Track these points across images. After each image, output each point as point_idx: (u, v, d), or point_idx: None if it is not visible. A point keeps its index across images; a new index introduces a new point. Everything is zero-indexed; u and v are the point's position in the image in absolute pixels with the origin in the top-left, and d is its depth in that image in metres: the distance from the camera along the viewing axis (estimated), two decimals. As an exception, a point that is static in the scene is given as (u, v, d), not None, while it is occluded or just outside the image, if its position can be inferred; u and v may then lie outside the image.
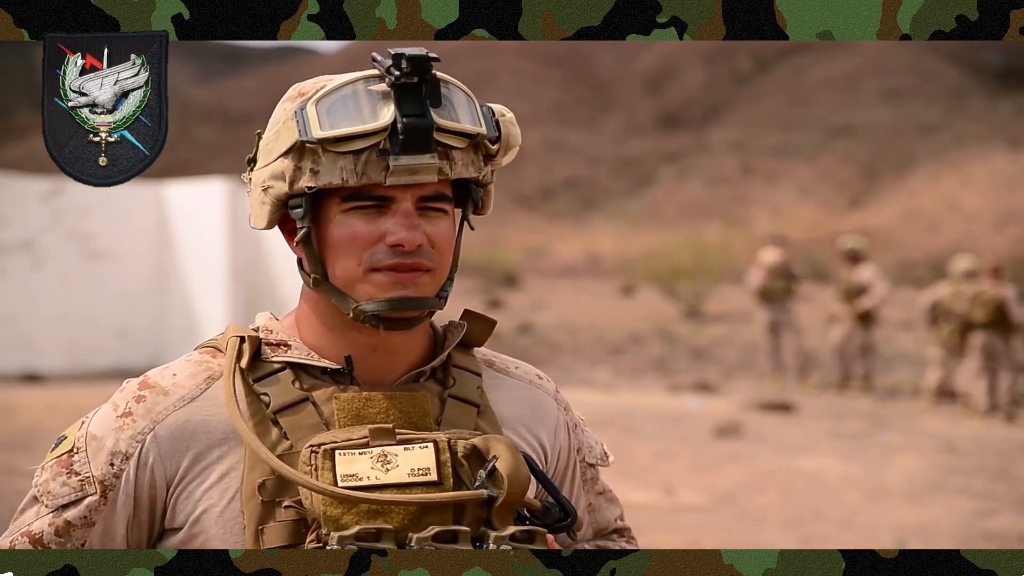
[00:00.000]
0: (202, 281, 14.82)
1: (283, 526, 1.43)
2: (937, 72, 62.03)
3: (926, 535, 6.60)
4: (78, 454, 1.49)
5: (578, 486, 1.68)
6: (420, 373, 1.54)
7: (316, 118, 1.43)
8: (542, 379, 1.68)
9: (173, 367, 1.55)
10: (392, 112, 1.42)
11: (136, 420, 1.49)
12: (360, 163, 1.42)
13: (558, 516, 1.50)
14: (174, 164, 44.92)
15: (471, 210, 1.54)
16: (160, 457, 1.47)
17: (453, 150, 1.45)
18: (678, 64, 71.82)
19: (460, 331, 1.58)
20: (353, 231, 1.45)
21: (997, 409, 11.53)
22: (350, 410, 1.47)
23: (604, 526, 1.73)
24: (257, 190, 1.50)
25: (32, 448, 8.86)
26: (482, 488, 1.42)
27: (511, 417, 1.59)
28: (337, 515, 1.39)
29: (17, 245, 14.23)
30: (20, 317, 14.17)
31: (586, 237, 47.92)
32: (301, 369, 1.51)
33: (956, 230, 44.62)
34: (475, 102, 1.49)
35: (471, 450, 1.44)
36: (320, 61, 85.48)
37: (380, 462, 1.42)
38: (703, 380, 14.39)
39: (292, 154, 1.45)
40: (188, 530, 1.47)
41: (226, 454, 1.47)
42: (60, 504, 1.48)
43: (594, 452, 1.70)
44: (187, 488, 1.47)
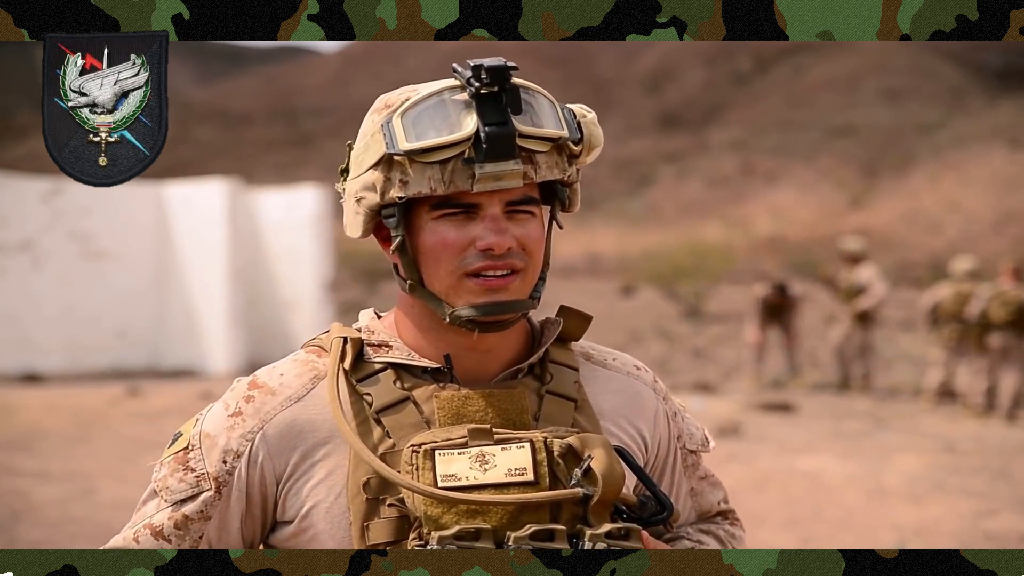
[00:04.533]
0: (202, 281, 14.81)
1: (387, 523, 1.47)
2: (937, 72, 62.03)
3: (926, 535, 6.60)
4: (193, 451, 1.55)
5: (679, 473, 1.72)
6: (518, 370, 1.57)
7: (402, 130, 1.47)
8: (640, 369, 1.72)
9: (280, 367, 1.60)
10: (475, 121, 1.45)
11: (246, 419, 1.54)
12: (447, 172, 1.46)
13: (654, 509, 1.54)
14: (174, 164, 44.94)
15: (559, 209, 1.58)
16: (269, 455, 1.53)
17: (537, 154, 1.49)
18: (678, 64, 71.84)
19: (556, 327, 1.62)
20: (444, 238, 1.49)
21: (994, 409, 11.53)
22: (450, 409, 1.51)
23: (707, 509, 1.77)
24: (351, 200, 1.55)
25: (32, 448, 8.86)
26: (578, 487, 1.45)
27: (609, 409, 1.63)
28: (437, 515, 1.43)
29: (17, 245, 14.23)
30: (20, 317, 14.18)
31: (586, 237, 47.91)
32: (402, 369, 1.55)
33: (956, 230, 44.62)
34: (557, 106, 1.52)
35: (567, 449, 1.47)
36: (320, 61, 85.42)
37: (478, 462, 1.45)
38: (703, 380, 14.39)
39: (381, 166, 1.50)
40: (298, 523, 1.52)
41: (332, 452, 1.52)
42: (178, 499, 1.53)
43: (695, 438, 1.74)
44: (296, 484, 1.52)
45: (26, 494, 7.17)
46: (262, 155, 63.57)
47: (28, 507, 6.84)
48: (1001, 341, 11.57)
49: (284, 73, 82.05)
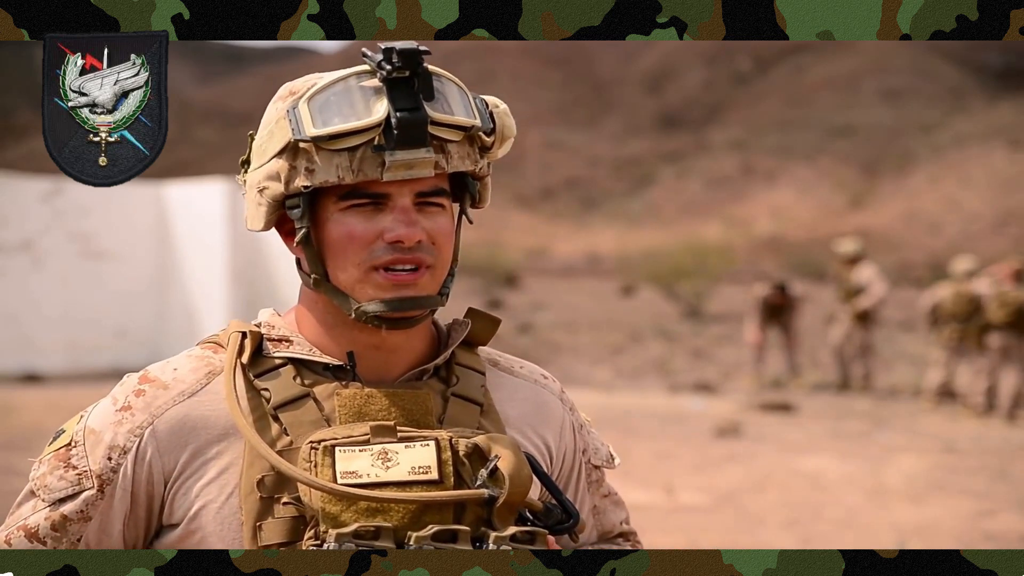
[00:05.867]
0: (202, 281, 14.81)
1: (281, 523, 1.42)
2: (937, 72, 62.03)
3: (926, 535, 6.60)
4: (76, 448, 1.47)
5: (583, 488, 1.66)
6: (423, 371, 1.52)
7: (309, 116, 1.42)
8: (547, 379, 1.66)
9: (174, 362, 1.53)
10: (385, 107, 1.40)
11: (135, 414, 1.47)
12: (356, 160, 1.41)
13: (560, 517, 1.48)
14: (174, 164, 44.91)
15: (469, 204, 1.53)
16: (158, 452, 1.46)
17: (448, 143, 1.44)
18: (678, 64, 71.82)
19: (464, 329, 1.57)
20: (351, 229, 1.44)
21: (994, 409, 11.53)
22: (352, 407, 1.45)
23: (609, 529, 1.70)
24: (253, 191, 1.49)
25: (32, 448, 8.84)
26: (483, 487, 1.40)
27: (515, 417, 1.57)
28: (336, 512, 1.38)
29: (17, 245, 14.23)
30: (20, 317, 14.17)
31: (586, 237, 47.91)
32: (303, 365, 1.49)
33: (956, 230, 44.62)
34: (468, 94, 1.47)
35: (473, 449, 1.43)
36: (320, 61, 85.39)
37: (380, 459, 1.40)
38: (703, 380, 14.39)
39: (286, 154, 1.44)
40: (185, 526, 1.46)
41: (225, 450, 1.45)
42: (57, 498, 1.46)
43: (600, 454, 1.68)
44: (185, 484, 1.45)
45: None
46: (262, 155, 63.38)
47: (28, 507, 6.84)
48: (1001, 341, 11.57)
49: (284, 73, 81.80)
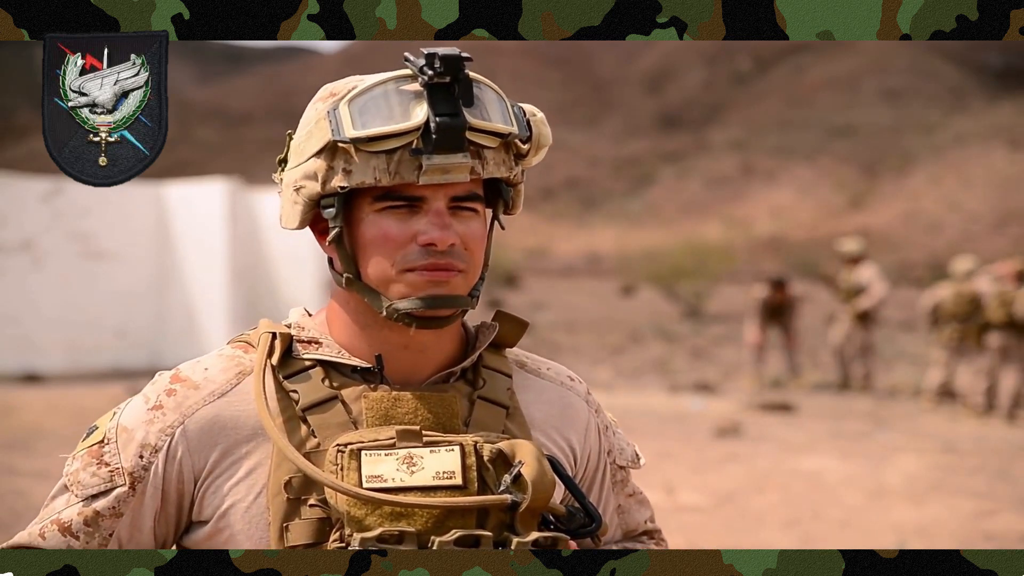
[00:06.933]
0: (202, 281, 14.81)
1: (308, 524, 1.43)
2: (937, 72, 62.03)
3: (926, 535, 6.59)
4: (108, 445, 1.49)
5: (608, 488, 1.68)
6: (450, 374, 1.54)
7: (349, 118, 1.43)
8: (574, 380, 1.67)
9: (205, 361, 1.54)
10: (425, 111, 1.41)
11: (166, 413, 1.49)
12: (393, 163, 1.42)
13: (583, 521, 1.49)
14: (174, 164, 44.93)
15: (502, 209, 1.55)
16: (189, 451, 1.48)
17: (485, 149, 1.46)
18: (678, 64, 71.83)
19: (492, 332, 1.58)
20: (385, 231, 1.46)
21: (994, 409, 11.53)
22: (379, 409, 1.47)
23: (633, 528, 1.72)
24: (289, 190, 1.51)
25: (32, 448, 8.86)
26: (506, 493, 1.42)
27: (541, 419, 1.59)
28: (361, 516, 1.39)
29: (17, 245, 14.23)
30: (20, 317, 14.17)
31: (586, 237, 47.93)
32: (331, 367, 1.51)
33: (956, 230, 44.63)
34: (506, 102, 1.49)
35: (497, 454, 1.44)
36: (320, 61, 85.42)
37: (406, 464, 1.42)
38: (703, 380, 14.39)
39: (325, 154, 1.45)
40: (214, 524, 1.48)
41: (254, 450, 1.47)
42: (89, 494, 1.48)
43: (625, 454, 1.70)
44: (215, 483, 1.47)
45: (26, 494, 7.16)
46: (262, 155, 63.53)
47: (28, 507, 6.83)
48: (1001, 341, 11.57)
49: (284, 73, 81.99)
